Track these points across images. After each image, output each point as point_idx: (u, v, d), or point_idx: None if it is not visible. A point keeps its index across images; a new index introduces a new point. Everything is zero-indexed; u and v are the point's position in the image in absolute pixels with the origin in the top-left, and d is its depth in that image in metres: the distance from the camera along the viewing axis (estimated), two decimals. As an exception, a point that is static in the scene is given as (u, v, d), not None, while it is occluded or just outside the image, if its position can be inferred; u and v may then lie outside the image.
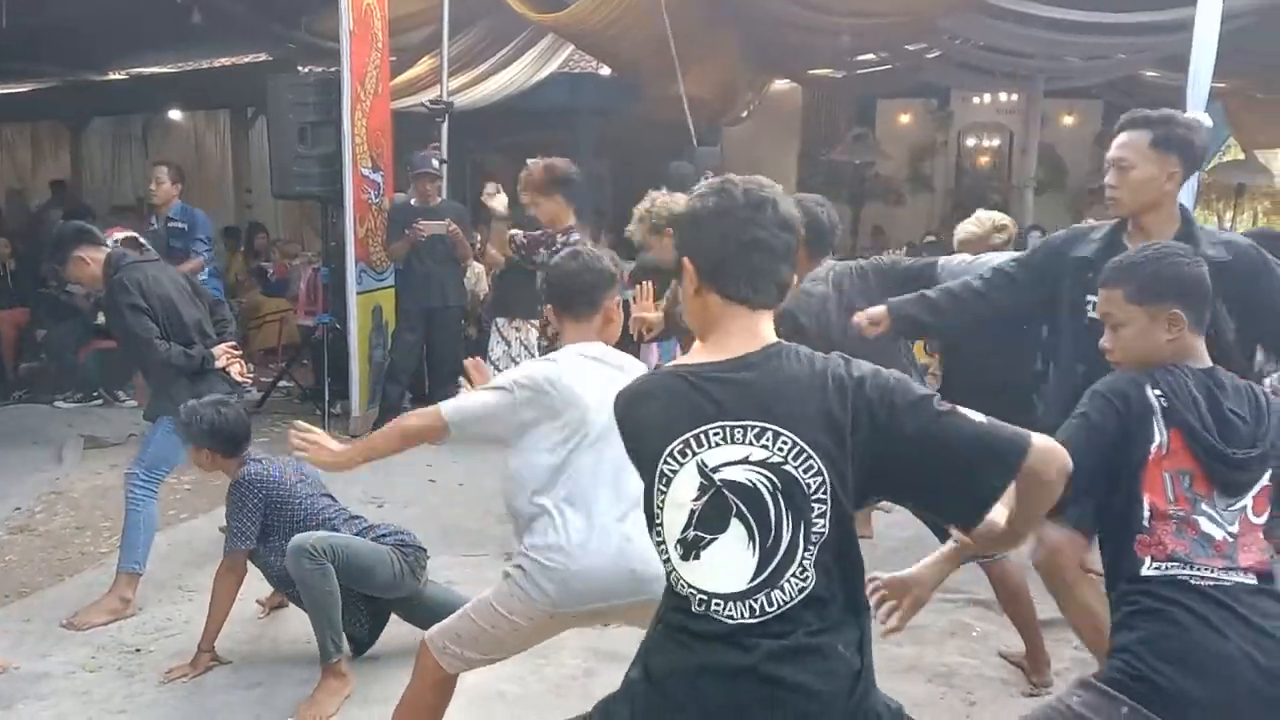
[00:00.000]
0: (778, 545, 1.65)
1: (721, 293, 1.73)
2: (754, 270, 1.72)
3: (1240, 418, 2.09)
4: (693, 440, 1.67)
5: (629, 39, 8.14)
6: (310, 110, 6.64)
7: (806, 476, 1.64)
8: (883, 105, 13.79)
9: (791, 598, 1.65)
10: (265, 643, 3.84)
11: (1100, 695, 2.01)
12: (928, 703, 3.44)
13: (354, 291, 6.80)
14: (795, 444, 1.64)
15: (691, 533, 1.68)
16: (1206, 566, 2.01)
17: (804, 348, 1.73)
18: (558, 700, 3.43)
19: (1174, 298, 2.15)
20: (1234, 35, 6.23)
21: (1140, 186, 2.82)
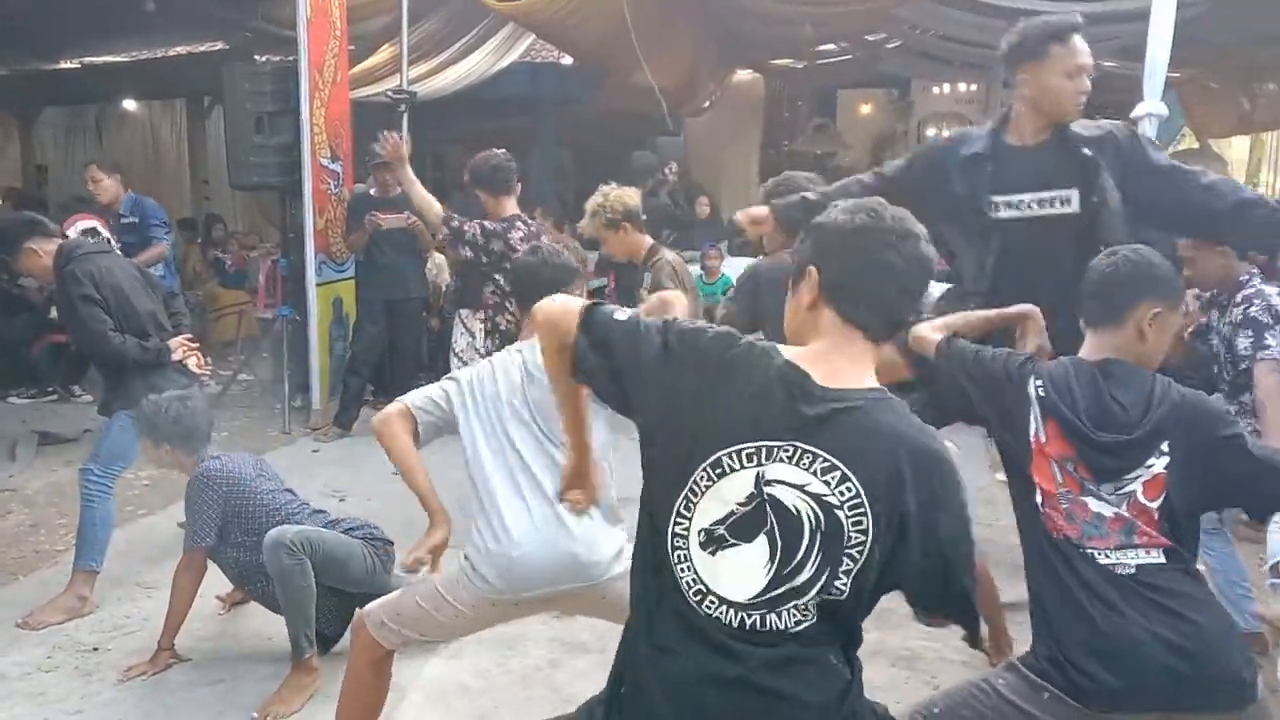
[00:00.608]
0: (794, 576, 1.61)
1: (840, 311, 1.67)
2: (879, 297, 1.66)
3: (1121, 405, 2.15)
4: (764, 450, 1.61)
5: (590, 28, 8.10)
6: (267, 99, 6.54)
7: (853, 530, 1.59)
8: (844, 95, 13.84)
9: (786, 627, 1.62)
10: (227, 639, 3.80)
11: (1024, 680, 2.07)
12: (891, 686, 3.47)
13: (314, 283, 6.73)
14: (857, 494, 1.59)
15: (721, 530, 1.63)
16: (1103, 548, 2.07)
17: (902, 405, 1.67)
18: (523, 692, 3.42)
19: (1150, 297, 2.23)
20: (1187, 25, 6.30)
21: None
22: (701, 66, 10.89)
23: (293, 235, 7.08)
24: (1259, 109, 10.72)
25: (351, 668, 2.77)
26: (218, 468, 3.53)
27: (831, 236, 1.69)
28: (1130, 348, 2.22)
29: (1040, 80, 2.85)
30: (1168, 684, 1.98)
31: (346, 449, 6.37)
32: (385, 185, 6.57)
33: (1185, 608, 2.03)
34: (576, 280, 2.85)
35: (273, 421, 6.94)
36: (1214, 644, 2.01)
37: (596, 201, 4.44)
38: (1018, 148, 2.86)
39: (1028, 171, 2.81)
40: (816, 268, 1.69)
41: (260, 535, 3.36)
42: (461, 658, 3.55)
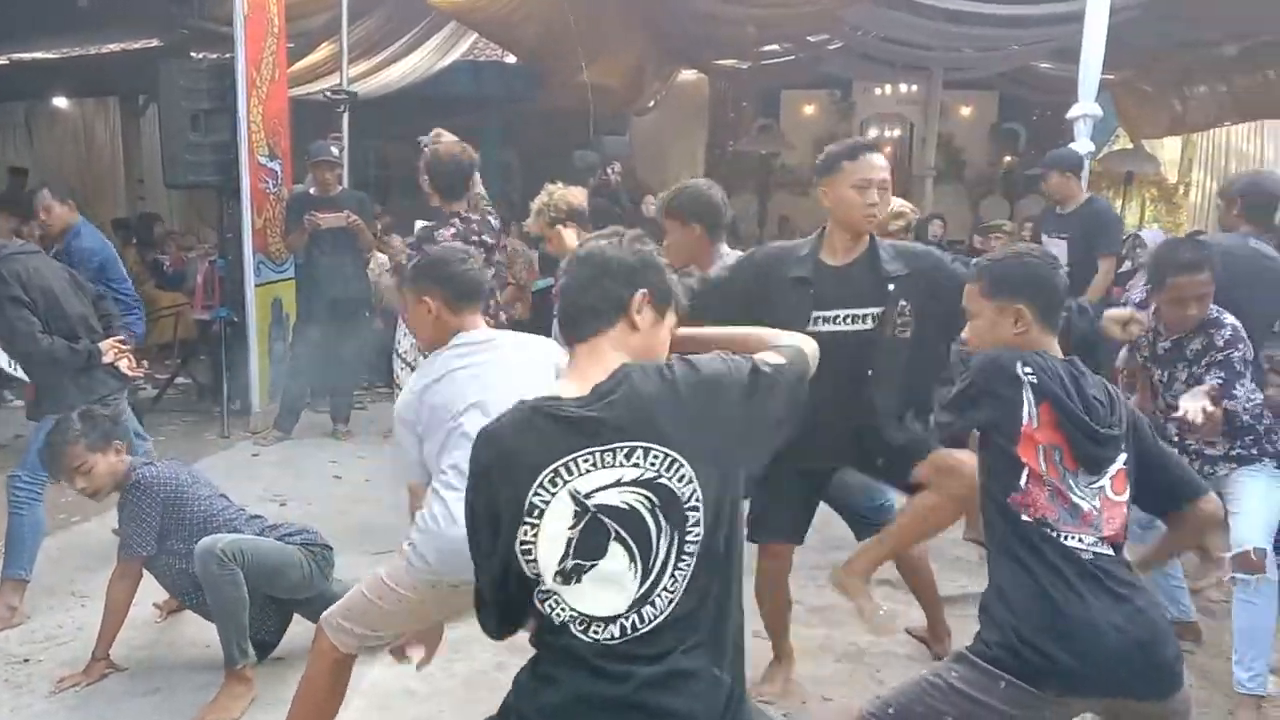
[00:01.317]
0: (655, 561, 1.65)
1: (566, 341, 1.82)
2: (563, 315, 1.83)
3: (1100, 401, 2.21)
4: (562, 469, 1.66)
5: (533, 26, 8.07)
6: (204, 97, 6.43)
7: (681, 485, 1.66)
8: (787, 96, 13.94)
9: (661, 612, 1.65)
10: (162, 647, 3.71)
11: (978, 670, 2.08)
12: (837, 681, 3.50)
13: (252, 284, 6.62)
14: (666, 455, 1.66)
15: (570, 562, 1.66)
16: (1074, 535, 2.11)
17: (649, 364, 1.76)
18: (468, 695, 3.39)
19: (1023, 296, 2.28)
20: (1121, 28, 6.45)
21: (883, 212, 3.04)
22: (646, 66, 10.91)
23: (230, 235, 6.96)
24: (1190, 110, 10.99)
25: (308, 674, 2.74)
26: (153, 475, 3.45)
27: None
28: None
29: (834, 193, 3.03)
30: (1120, 669, 2.03)
31: (287, 453, 6.27)
32: (325, 184, 6.48)
33: (1135, 597, 2.10)
34: (479, 298, 2.89)
35: (211, 425, 6.81)
36: (1158, 632, 2.09)
37: (541, 200, 4.42)
38: (832, 267, 3.04)
39: (839, 289, 3.01)
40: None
41: (194, 541, 3.29)
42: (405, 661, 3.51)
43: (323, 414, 6.92)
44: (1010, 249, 2.48)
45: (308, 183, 6.72)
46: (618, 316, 1.80)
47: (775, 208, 13.54)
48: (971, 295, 2.38)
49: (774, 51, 11.59)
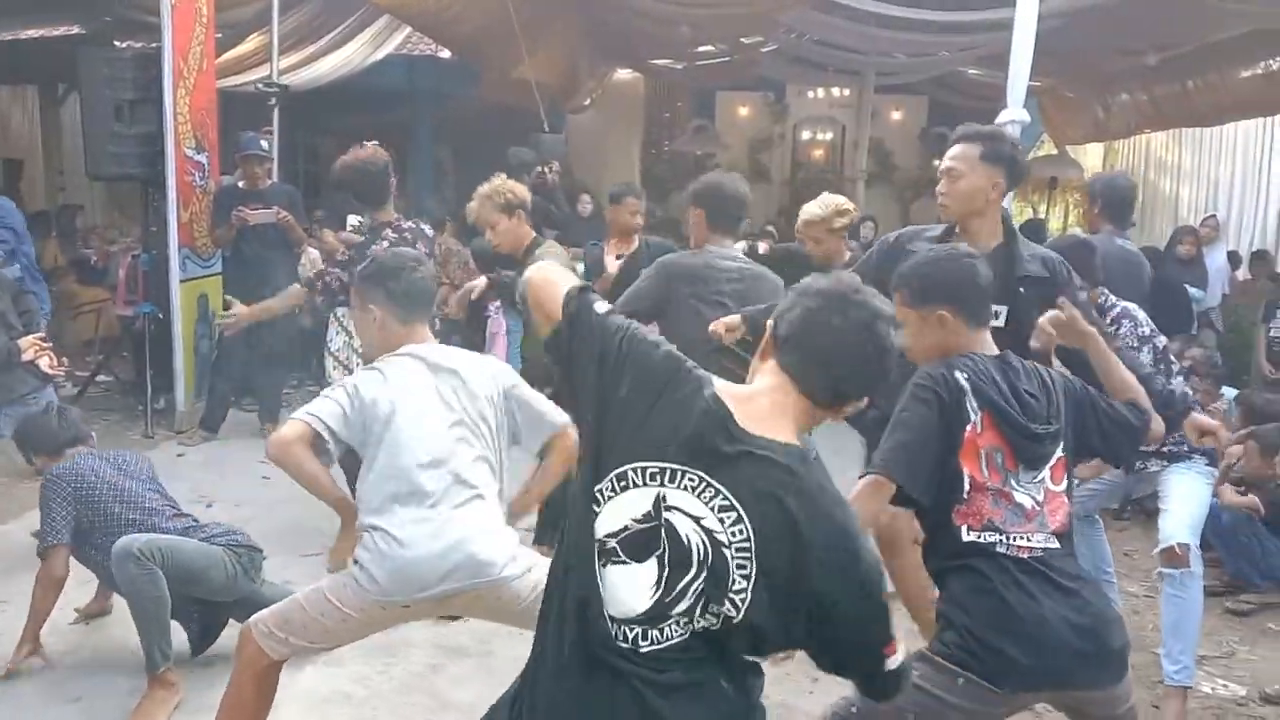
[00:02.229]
0: (676, 604, 1.61)
1: (780, 360, 1.69)
2: (814, 351, 1.67)
3: (1034, 396, 2.25)
4: (669, 472, 1.61)
5: (468, 21, 8.00)
6: (128, 87, 6.25)
7: (737, 573, 1.58)
8: (722, 97, 14.01)
9: (667, 639, 1.61)
10: (86, 652, 3.60)
11: (937, 669, 2.12)
12: (772, 681, 3.47)
13: (177, 279, 6.45)
14: (747, 539, 1.58)
15: (613, 543, 1.63)
16: (1020, 534, 2.15)
17: (818, 467, 1.66)
18: (405, 698, 3.35)
19: (942, 300, 2.29)
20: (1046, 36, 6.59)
21: (968, 195, 2.95)
22: (582, 63, 10.89)
23: (155, 229, 6.78)
24: (1112, 117, 11.29)
25: (235, 680, 2.66)
26: (68, 468, 3.41)
27: (796, 295, 1.73)
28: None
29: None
30: (1073, 662, 2.09)
31: (213, 453, 6.13)
32: (254, 178, 6.35)
33: (1083, 590, 2.16)
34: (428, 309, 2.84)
35: (134, 424, 6.63)
36: (1106, 623, 2.15)
37: (492, 185, 4.38)
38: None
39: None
40: (774, 321, 1.73)
41: (120, 537, 3.22)
42: (340, 665, 3.45)
43: (250, 412, 6.78)
44: (928, 253, 2.47)
45: (236, 176, 6.57)
46: (833, 406, 1.70)
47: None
48: (897, 304, 2.35)
49: (709, 53, 11.64)
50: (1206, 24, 7.99)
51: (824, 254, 4.43)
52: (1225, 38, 8.32)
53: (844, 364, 1.66)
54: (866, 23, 8.97)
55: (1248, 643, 4.12)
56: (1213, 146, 11.38)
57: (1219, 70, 9.34)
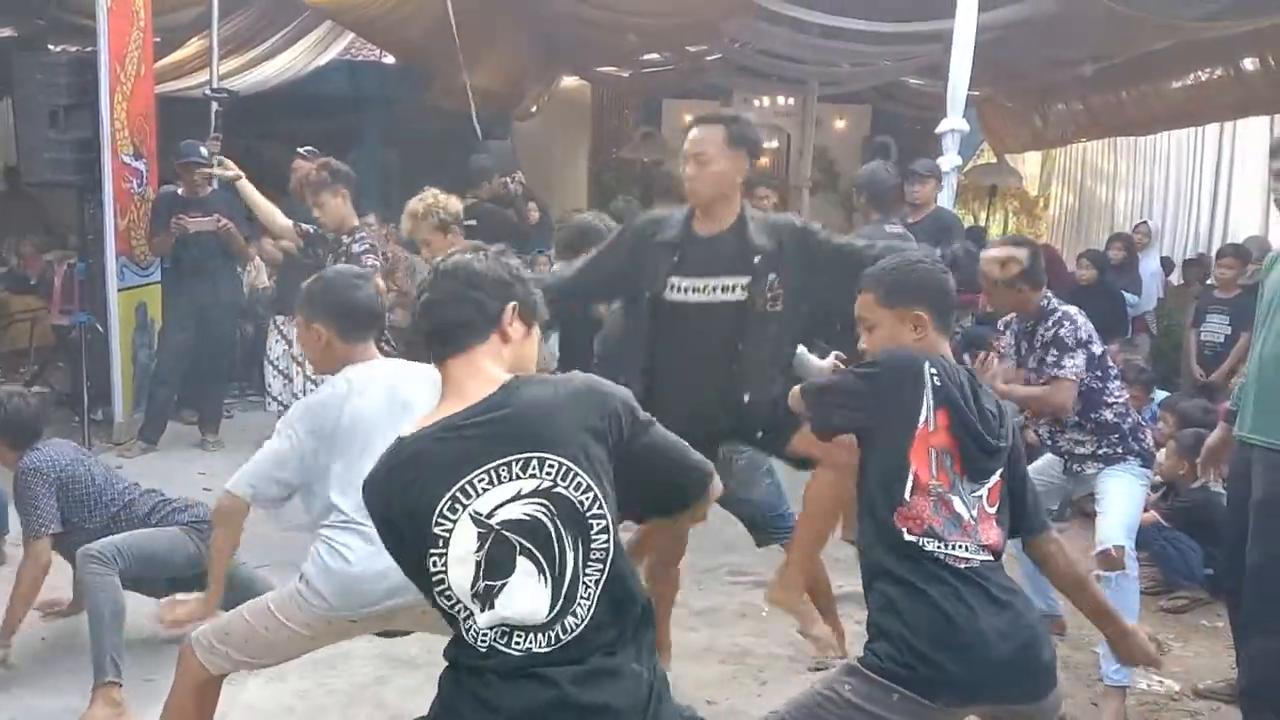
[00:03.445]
0: (564, 570, 1.66)
1: (436, 358, 1.82)
2: (431, 331, 1.81)
3: (992, 414, 2.28)
4: (459, 494, 1.66)
5: (412, 26, 7.94)
6: (63, 92, 6.13)
7: (579, 494, 1.67)
8: (669, 105, 14.05)
9: (582, 619, 1.67)
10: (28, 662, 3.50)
11: (870, 683, 2.10)
12: (721, 683, 3.54)
13: (115, 288, 6.32)
14: (561, 464, 1.67)
15: (482, 584, 1.66)
16: (958, 544, 2.16)
17: (543, 375, 1.79)
18: (349, 711, 3.32)
19: (920, 301, 2.33)
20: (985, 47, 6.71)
21: (717, 179, 3.02)
22: (528, 70, 10.86)
23: (91, 237, 6.64)
24: (1050, 126, 11.51)
25: (174, 695, 2.61)
26: (43, 457, 3.44)
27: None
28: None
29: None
30: (1006, 676, 2.10)
31: (153, 464, 6.01)
32: (193, 185, 6.25)
33: (1014, 601, 2.17)
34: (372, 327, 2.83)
35: (70, 436, 6.39)
36: (1038, 638, 2.16)
37: (426, 203, 4.36)
38: (701, 237, 3.08)
39: (707, 258, 3.05)
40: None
41: (105, 516, 3.36)
42: (283, 679, 3.40)
43: (191, 424, 6.67)
44: (900, 257, 2.50)
45: (176, 183, 6.46)
46: (490, 330, 1.80)
47: (658, 215, 13.65)
48: (867, 305, 2.39)
49: (655, 61, 11.68)
50: (1137, 36, 8.19)
51: None
52: (1156, 50, 8.54)
53: (459, 302, 1.82)
54: (810, 32, 9.07)
55: (1181, 639, 4.23)
56: (1146, 154, 11.66)
57: (1151, 81, 9.58)
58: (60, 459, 3.46)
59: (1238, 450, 3.36)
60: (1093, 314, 3.74)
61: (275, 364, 6.14)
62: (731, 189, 3.05)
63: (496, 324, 1.80)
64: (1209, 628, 4.34)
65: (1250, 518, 3.20)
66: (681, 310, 3.03)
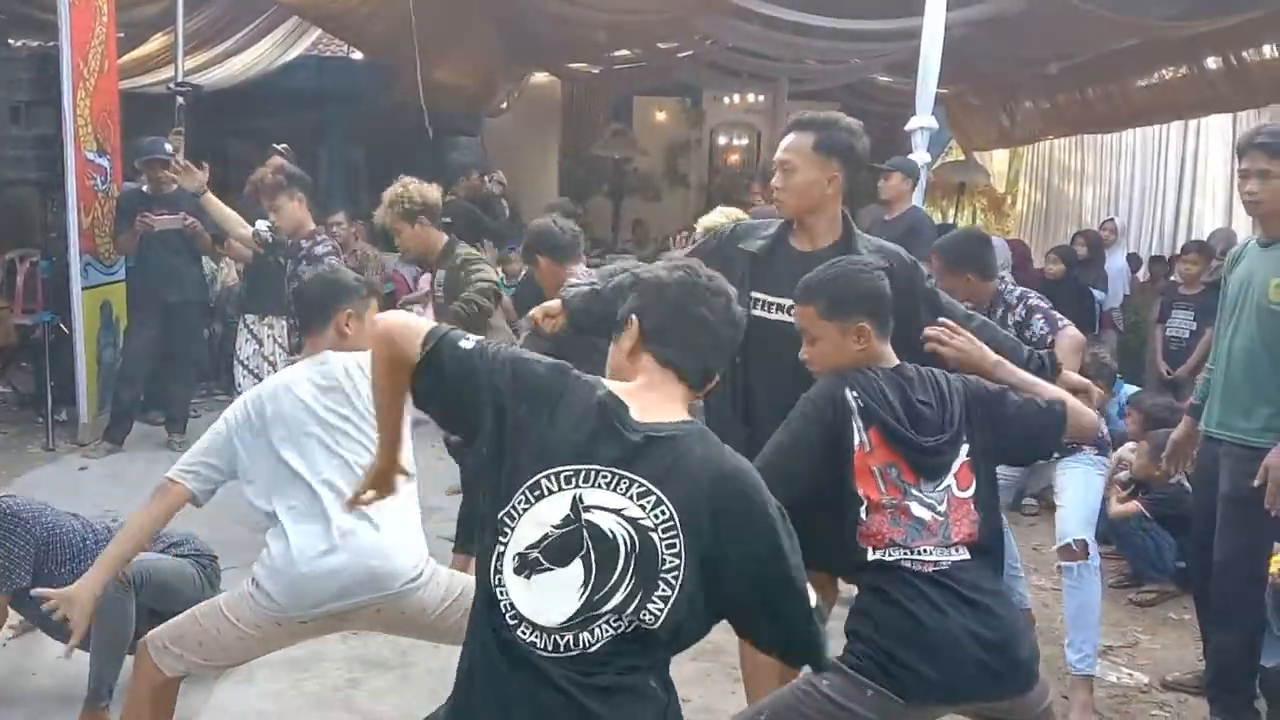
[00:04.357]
0: (606, 600, 1.64)
1: (657, 355, 1.79)
2: (692, 344, 1.79)
3: (928, 405, 2.29)
4: (583, 473, 1.66)
5: (379, 22, 7.89)
6: (24, 88, 6.05)
7: (667, 553, 1.64)
8: (639, 102, 14.06)
9: (597, 641, 1.64)
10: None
11: (847, 679, 2.13)
12: (696, 680, 3.53)
13: (79, 286, 6.23)
14: (671, 519, 1.64)
15: (535, 553, 1.65)
16: (923, 549, 2.18)
17: (713, 436, 1.76)
18: (321, 714, 3.29)
19: (861, 313, 2.34)
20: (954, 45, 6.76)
21: (802, 189, 2.77)
22: (498, 66, 10.81)
23: (54, 235, 6.55)
24: (1017, 125, 11.62)
25: (131, 698, 2.59)
26: (23, 504, 3.19)
27: (652, 289, 1.84)
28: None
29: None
30: (979, 675, 2.12)
31: (118, 465, 5.94)
32: (158, 182, 6.16)
33: (991, 603, 2.18)
34: (354, 298, 2.81)
35: (34, 437, 6.39)
36: (1013, 635, 2.18)
37: (395, 191, 4.32)
38: (798, 251, 2.83)
39: (798, 276, 2.63)
40: (638, 319, 1.82)
41: (74, 573, 2.98)
42: (253, 682, 3.37)
43: (157, 425, 6.59)
44: (836, 265, 2.45)
45: (141, 180, 6.38)
46: (703, 387, 1.84)
47: (628, 212, 13.62)
48: (808, 318, 2.38)
49: (625, 57, 11.68)
50: (1102, 35, 8.28)
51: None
52: (1120, 49, 8.64)
53: (717, 351, 1.84)
54: (781, 30, 9.09)
55: (1150, 632, 4.28)
56: (1112, 152, 11.80)
57: (1117, 80, 9.70)
58: (38, 507, 3.20)
59: (1204, 445, 3.41)
60: (1061, 309, 3.77)
61: (245, 364, 6.06)
62: (823, 201, 2.77)
63: (695, 386, 1.83)
64: (1176, 620, 4.39)
65: (1218, 512, 3.24)
66: (768, 328, 2.71)
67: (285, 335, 5.48)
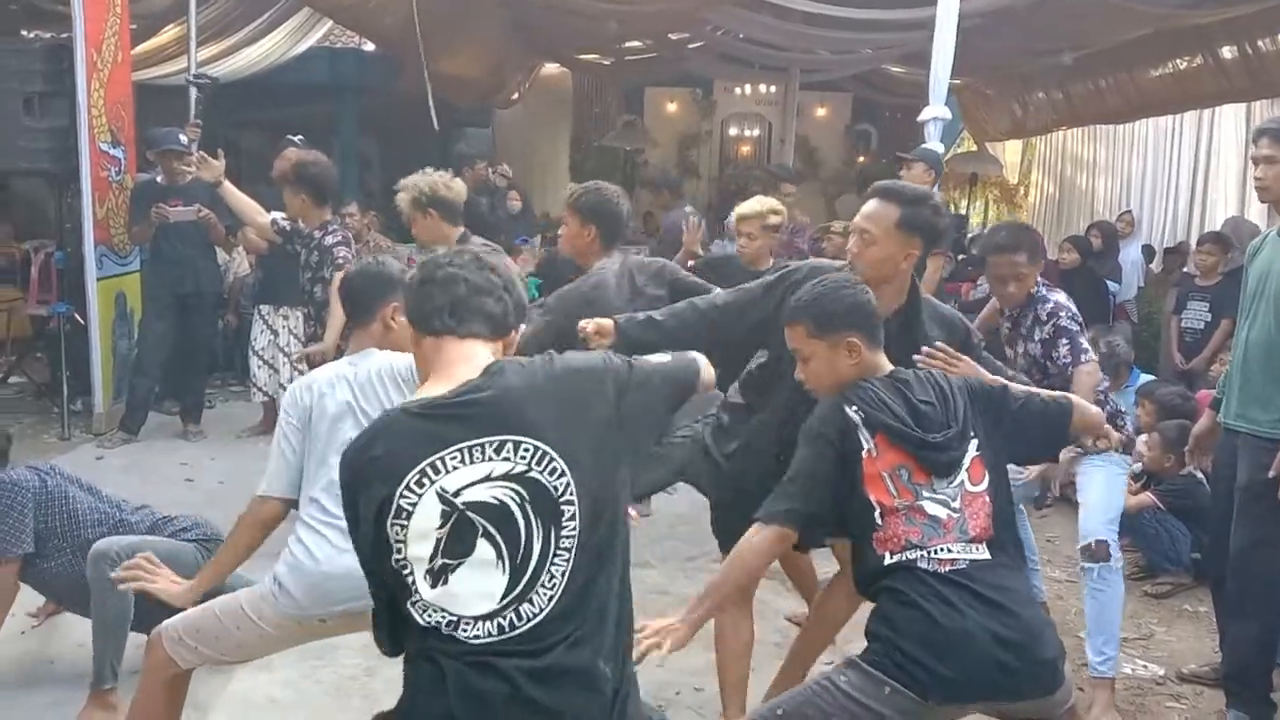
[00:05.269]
0: (529, 558, 1.64)
1: (426, 331, 1.80)
2: (452, 303, 1.79)
3: (929, 404, 2.30)
4: (428, 468, 1.65)
5: (387, 14, 7.88)
6: (38, 79, 6.06)
7: (553, 479, 1.66)
8: (650, 93, 14.02)
9: (540, 609, 1.64)
10: (6, 664, 3.46)
11: (865, 676, 2.14)
12: (708, 671, 3.52)
13: (94, 277, 6.27)
14: (536, 449, 1.66)
15: (439, 561, 1.65)
16: (940, 546, 2.18)
17: (522, 359, 1.79)
18: (337, 702, 3.30)
19: (849, 327, 2.34)
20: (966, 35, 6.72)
21: (878, 263, 2.72)
22: (508, 58, 10.80)
23: (70, 226, 6.57)
24: (1030, 115, 11.55)
25: (143, 687, 2.60)
26: (21, 474, 3.22)
27: (408, 290, 1.89)
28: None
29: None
30: (997, 675, 2.11)
31: (133, 455, 5.97)
32: (173, 173, 6.18)
33: (1010, 602, 2.16)
34: (393, 293, 2.76)
35: (50, 426, 6.43)
36: (1035, 635, 2.16)
37: (413, 180, 4.34)
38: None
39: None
40: (409, 320, 1.88)
41: (82, 542, 3.10)
42: (270, 670, 3.39)
43: (172, 415, 6.62)
44: (820, 284, 2.43)
45: (155, 171, 6.40)
46: (504, 335, 1.83)
47: (640, 204, 13.61)
48: (798, 337, 2.39)
49: (636, 48, 11.64)
50: (1116, 25, 8.22)
51: (753, 252, 4.48)
52: (1134, 39, 8.58)
53: (482, 292, 1.83)
54: (791, 20, 9.05)
55: (1165, 624, 4.27)
56: (1126, 142, 11.72)
57: (1130, 70, 9.62)
58: (38, 478, 3.23)
59: (1223, 437, 3.39)
60: (1076, 299, 3.75)
61: (260, 354, 6.09)
62: (896, 273, 2.73)
63: (506, 330, 1.84)
64: (1192, 612, 4.38)
65: (1235, 503, 3.23)
66: None
67: (301, 326, 5.50)
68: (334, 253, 4.64)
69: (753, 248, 4.52)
